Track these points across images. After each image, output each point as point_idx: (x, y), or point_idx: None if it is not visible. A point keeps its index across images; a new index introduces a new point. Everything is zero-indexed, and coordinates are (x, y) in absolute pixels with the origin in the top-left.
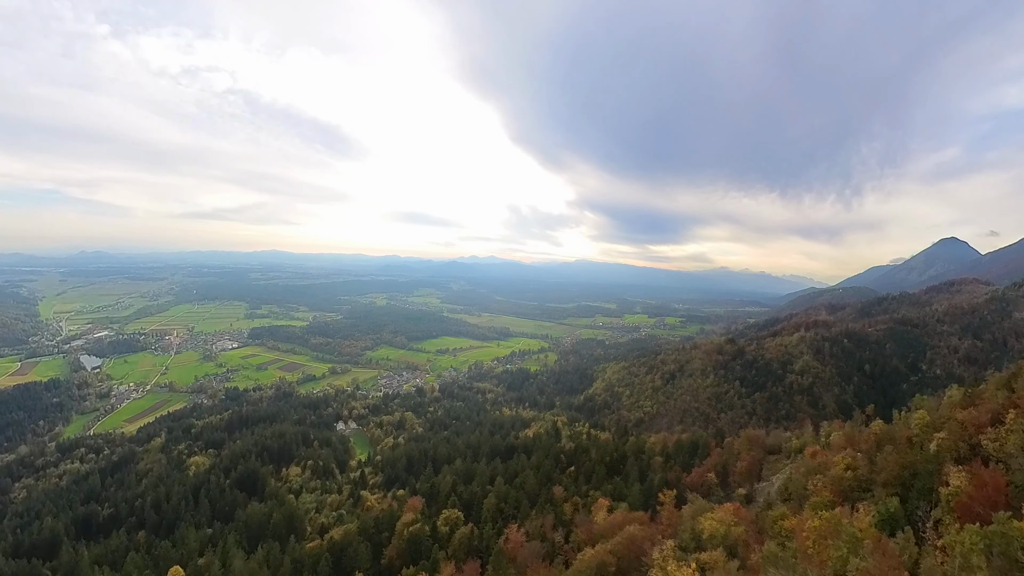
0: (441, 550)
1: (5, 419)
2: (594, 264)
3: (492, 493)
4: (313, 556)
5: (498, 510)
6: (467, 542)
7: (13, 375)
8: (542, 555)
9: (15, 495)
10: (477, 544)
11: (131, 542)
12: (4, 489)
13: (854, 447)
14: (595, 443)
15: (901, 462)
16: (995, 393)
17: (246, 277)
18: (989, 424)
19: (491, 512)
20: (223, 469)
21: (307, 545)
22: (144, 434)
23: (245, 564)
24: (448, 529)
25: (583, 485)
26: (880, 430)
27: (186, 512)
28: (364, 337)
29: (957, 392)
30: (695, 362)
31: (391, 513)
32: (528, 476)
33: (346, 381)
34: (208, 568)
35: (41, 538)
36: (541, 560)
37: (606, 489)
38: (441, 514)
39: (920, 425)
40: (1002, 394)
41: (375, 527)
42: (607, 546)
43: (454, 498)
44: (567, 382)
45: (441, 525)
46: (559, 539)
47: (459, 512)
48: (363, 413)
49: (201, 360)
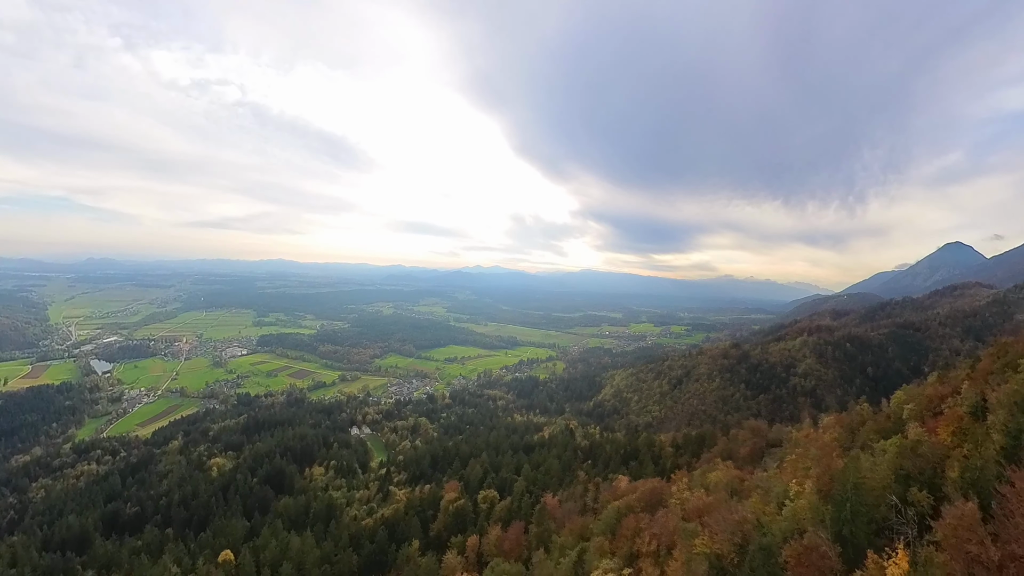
0: (485, 520)
1: (19, 420)
2: (599, 273)
3: (521, 478)
4: (370, 530)
5: (528, 491)
6: (507, 513)
7: (25, 378)
8: (576, 512)
9: (33, 495)
10: (515, 515)
11: (163, 537)
12: (22, 488)
13: (841, 426)
14: (609, 440)
15: (876, 428)
16: (962, 374)
17: (253, 285)
18: (949, 395)
19: (522, 492)
20: (248, 468)
21: (363, 522)
22: (161, 437)
23: (302, 541)
24: (487, 505)
25: (601, 472)
26: (864, 410)
27: (217, 508)
28: (372, 345)
29: (934, 377)
30: (701, 367)
31: (434, 494)
32: (552, 464)
33: (356, 388)
34: (265, 547)
35: (70, 534)
36: (576, 515)
37: (622, 473)
38: (479, 493)
39: (897, 402)
40: (964, 373)
41: (420, 506)
42: (632, 496)
43: (489, 480)
44: (576, 389)
45: (481, 502)
46: (588, 501)
47: (495, 492)
48: (377, 418)
49: (211, 366)
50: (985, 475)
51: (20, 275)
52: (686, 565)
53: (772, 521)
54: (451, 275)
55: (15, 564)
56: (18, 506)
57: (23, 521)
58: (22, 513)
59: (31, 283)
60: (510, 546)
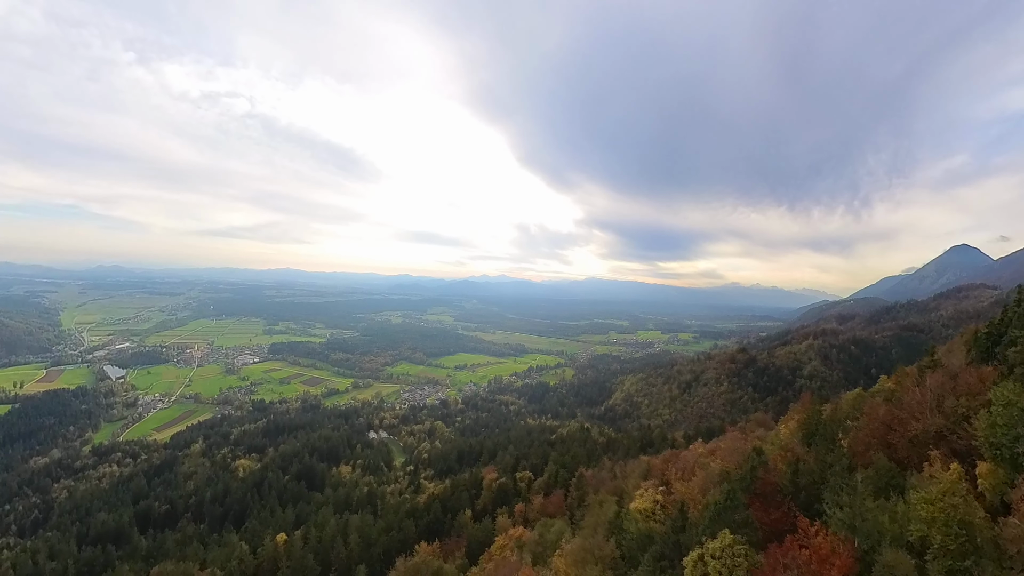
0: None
1: (37, 423)
2: (604, 282)
3: (551, 462)
4: (426, 505)
5: (562, 467)
6: (545, 487)
7: (40, 381)
8: (608, 480)
9: (56, 495)
10: (552, 488)
11: (200, 531)
12: (44, 489)
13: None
14: (625, 435)
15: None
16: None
17: (261, 294)
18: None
19: (556, 470)
20: (278, 467)
21: (418, 499)
22: (181, 440)
23: (360, 518)
24: (525, 483)
25: (623, 459)
26: (856, 395)
27: (253, 502)
28: (383, 353)
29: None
30: (709, 371)
31: (475, 476)
32: (577, 451)
33: (370, 395)
34: (325, 524)
35: (105, 529)
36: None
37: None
38: (516, 474)
39: (882, 383)
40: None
41: (465, 486)
42: (656, 459)
43: (522, 465)
44: (586, 394)
45: (519, 480)
46: (617, 475)
47: (530, 473)
48: (393, 423)
49: (223, 373)
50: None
51: (31, 281)
52: (705, 479)
53: (767, 447)
54: (457, 284)
55: (53, 558)
56: (42, 505)
57: (48, 520)
58: (46, 512)
59: (41, 289)
60: (553, 509)
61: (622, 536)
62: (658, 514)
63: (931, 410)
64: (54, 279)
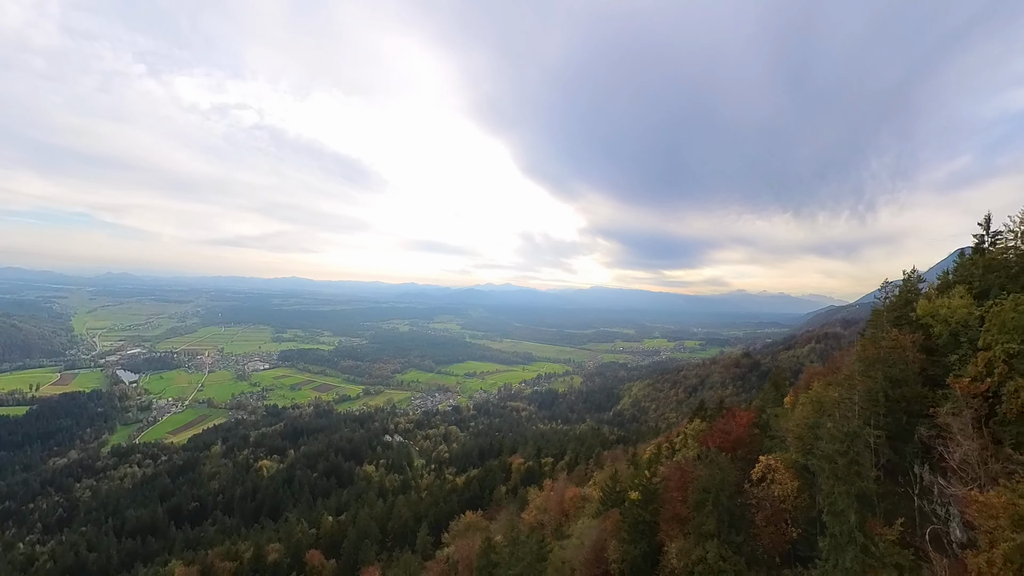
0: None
1: (54, 425)
2: (609, 290)
3: (569, 451)
4: (464, 484)
5: (577, 457)
6: (567, 466)
7: (55, 384)
8: (623, 456)
9: (79, 494)
10: (574, 466)
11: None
12: (67, 488)
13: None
14: (634, 432)
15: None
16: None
17: (269, 302)
18: None
19: (577, 452)
20: (305, 466)
21: (455, 479)
22: (199, 443)
23: (407, 497)
24: (549, 467)
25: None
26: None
27: (286, 497)
28: (392, 360)
29: None
30: (715, 375)
31: (503, 461)
32: (592, 443)
33: (381, 401)
34: (373, 504)
35: (140, 524)
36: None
37: None
38: (540, 459)
39: None
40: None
41: (495, 471)
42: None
43: (544, 453)
44: (595, 400)
45: (544, 464)
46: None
47: (551, 459)
48: (408, 427)
49: (235, 379)
50: None
51: (41, 287)
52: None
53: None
54: (463, 292)
55: (92, 549)
56: (65, 504)
57: (73, 518)
58: (70, 511)
59: (52, 295)
60: (578, 479)
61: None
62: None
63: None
64: (65, 285)
